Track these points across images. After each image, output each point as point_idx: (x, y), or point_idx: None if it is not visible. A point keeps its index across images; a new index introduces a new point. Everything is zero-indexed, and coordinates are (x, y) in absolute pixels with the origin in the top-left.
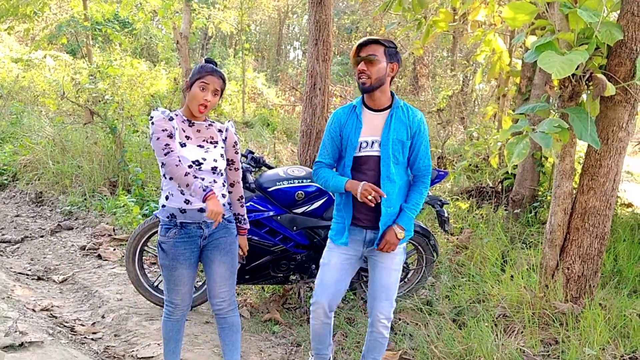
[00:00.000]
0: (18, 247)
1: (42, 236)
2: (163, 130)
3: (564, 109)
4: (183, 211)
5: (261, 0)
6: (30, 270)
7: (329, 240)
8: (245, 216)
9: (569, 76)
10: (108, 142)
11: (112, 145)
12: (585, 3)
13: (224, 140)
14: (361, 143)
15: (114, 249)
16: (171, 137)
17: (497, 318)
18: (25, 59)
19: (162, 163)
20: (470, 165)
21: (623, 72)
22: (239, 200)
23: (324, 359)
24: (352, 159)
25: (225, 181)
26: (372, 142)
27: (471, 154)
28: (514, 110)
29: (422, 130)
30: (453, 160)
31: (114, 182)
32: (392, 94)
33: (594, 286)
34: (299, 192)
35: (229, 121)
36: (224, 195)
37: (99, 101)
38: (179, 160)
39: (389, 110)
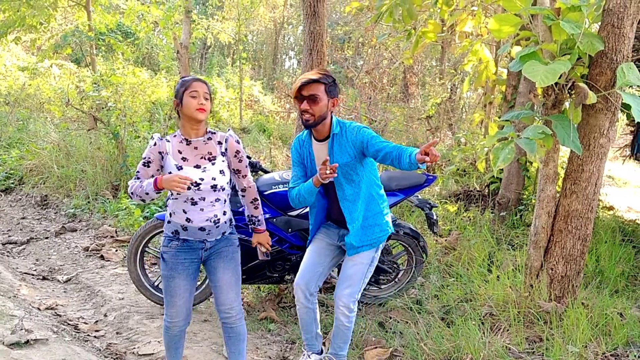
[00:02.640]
0: (24, 248)
1: (47, 238)
2: (143, 158)
3: (548, 116)
4: (185, 228)
5: (258, 11)
6: (35, 270)
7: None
8: (261, 217)
9: (552, 85)
10: (111, 147)
11: (115, 151)
12: (567, 15)
13: (224, 153)
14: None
15: (116, 250)
16: (146, 165)
17: (484, 316)
18: (31, 68)
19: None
20: (458, 169)
21: (604, 81)
22: (252, 202)
23: (313, 350)
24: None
25: (228, 197)
26: None
27: (459, 158)
28: (499, 117)
29: (359, 134)
30: (442, 165)
31: (116, 185)
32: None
33: (576, 286)
34: None
35: (228, 130)
36: (224, 213)
37: (102, 108)
38: (138, 185)
39: (329, 139)
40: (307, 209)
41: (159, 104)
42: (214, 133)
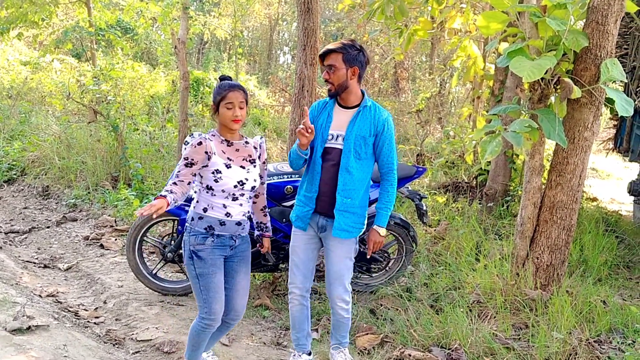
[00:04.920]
0: (26, 237)
1: (48, 227)
2: (185, 159)
3: (534, 110)
4: (222, 223)
5: (253, 8)
6: (37, 258)
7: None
8: (269, 224)
9: (538, 80)
10: (110, 139)
11: (114, 143)
12: (553, 12)
13: (259, 157)
14: (329, 135)
15: (116, 239)
16: (188, 166)
17: (471, 304)
18: (33, 62)
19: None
20: (447, 162)
21: (588, 77)
22: (262, 210)
23: (304, 350)
24: (323, 150)
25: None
26: (337, 136)
27: (448, 151)
28: (487, 111)
29: (386, 128)
30: (431, 158)
31: (116, 177)
32: (363, 94)
33: (561, 274)
34: (288, 186)
35: (261, 137)
36: (248, 211)
37: (102, 101)
38: (172, 186)
39: (357, 108)
40: None
41: (157, 97)
42: (248, 139)
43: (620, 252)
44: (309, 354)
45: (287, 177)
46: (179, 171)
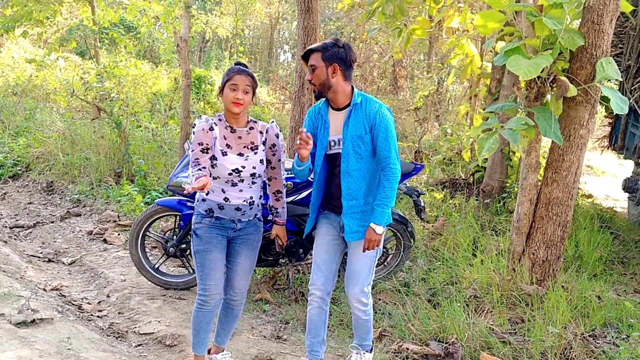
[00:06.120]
0: (30, 232)
1: (52, 222)
2: (199, 144)
3: (530, 108)
4: (221, 207)
5: (254, 7)
6: (41, 253)
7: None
8: (281, 210)
9: (534, 78)
10: (114, 136)
11: (117, 139)
12: (550, 12)
13: (264, 142)
14: (330, 142)
15: (119, 234)
16: (204, 152)
17: (468, 299)
18: (38, 60)
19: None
20: (444, 159)
21: (584, 75)
22: (275, 194)
23: (316, 357)
24: (324, 157)
25: (263, 183)
26: (338, 140)
27: (445, 148)
28: (484, 109)
29: (379, 120)
30: (429, 155)
31: (119, 172)
32: (352, 90)
33: (557, 270)
34: (288, 182)
35: (272, 121)
36: (260, 196)
37: (106, 99)
38: (199, 172)
39: (348, 108)
40: (301, 196)
41: (160, 95)
42: (256, 122)
43: (615, 248)
44: None
45: (288, 174)
46: (197, 158)
